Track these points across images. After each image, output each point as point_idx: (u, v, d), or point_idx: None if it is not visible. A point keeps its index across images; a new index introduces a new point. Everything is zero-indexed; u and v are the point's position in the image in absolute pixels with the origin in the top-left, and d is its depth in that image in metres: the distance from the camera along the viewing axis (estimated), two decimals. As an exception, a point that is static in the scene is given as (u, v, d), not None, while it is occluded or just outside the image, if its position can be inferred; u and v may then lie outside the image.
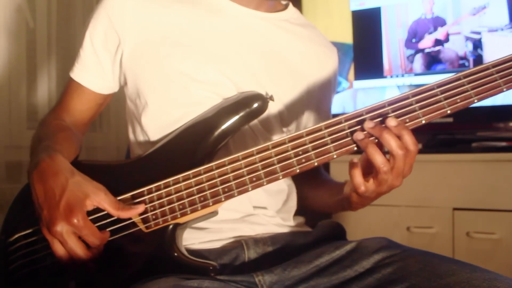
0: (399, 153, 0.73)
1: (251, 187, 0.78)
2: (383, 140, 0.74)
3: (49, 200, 0.78)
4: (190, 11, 0.92)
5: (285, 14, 1.00)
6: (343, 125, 0.77)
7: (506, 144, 1.72)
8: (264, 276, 0.82)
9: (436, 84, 0.77)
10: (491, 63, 0.76)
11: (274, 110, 0.93)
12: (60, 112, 0.99)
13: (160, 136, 0.90)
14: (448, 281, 0.73)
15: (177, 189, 0.80)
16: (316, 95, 1.01)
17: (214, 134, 0.83)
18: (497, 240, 1.65)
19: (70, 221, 0.76)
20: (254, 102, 0.83)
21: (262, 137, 0.93)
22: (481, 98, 0.76)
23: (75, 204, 0.77)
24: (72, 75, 0.98)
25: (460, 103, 0.75)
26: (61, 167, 0.81)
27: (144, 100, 0.92)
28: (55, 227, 0.76)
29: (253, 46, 0.93)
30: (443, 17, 1.90)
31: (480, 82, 0.75)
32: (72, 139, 0.92)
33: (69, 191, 0.78)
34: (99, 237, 0.79)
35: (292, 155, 0.77)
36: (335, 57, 1.07)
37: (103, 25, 0.92)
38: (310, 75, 0.99)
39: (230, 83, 0.90)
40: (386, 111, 0.76)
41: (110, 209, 0.79)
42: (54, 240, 0.78)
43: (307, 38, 1.01)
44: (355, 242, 0.87)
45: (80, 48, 0.96)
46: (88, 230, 0.78)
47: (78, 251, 0.78)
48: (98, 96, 0.98)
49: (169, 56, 0.89)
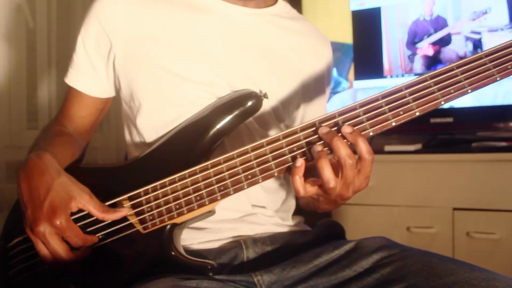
0: (348, 162, 0.71)
1: (247, 185, 0.78)
2: (333, 146, 0.72)
3: (33, 200, 0.78)
4: (179, 13, 0.92)
5: (275, 8, 0.99)
6: (337, 120, 0.75)
7: (506, 144, 1.72)
8: (263, 276, 0.82)
9: (429, 76, 0.75)
10: (484, 53, 0.75)
11: (269, 107, 0.92)
12: (62, 119, 1.00)
13: (155, 137, 0.90)
14: (447, 280, 0.73)
15: (173, 189, 0.80)
16: (311, 88, 1.00)
17: (209, 134, 0.82)
18: (497, 240, 1.65)
19: (53, 222, 0.76)
20: (248, 101, 0.83)
21: (258, 134, 0.93)
22: (474, 87, 0.74)
23: (59, 205, 0.77)
24: (67, 81, 0.98)
25: (454, 93, 0.74)
26: (47, 167, 0.80)
27: (138, 102, 0.92)
28: (38, 228, 0.76)
29: (244, 44, 0.93)
30: (443, 17, 1.90)
31: (473, 72, 0.74)
32: (69, 144, 0.92)
33: (54, 192, 0.78)
34: (82, 238, 0.79)
35: (286, 151, 0.77)
36: (329, 48, 1.06)
37: (94, 29, 0.93)
38: (304, 69, 0.99)
39: (223, 82, 0.90)
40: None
41: (94, 212, 0.79)
42: (37, 240, 0.78)
43: (299, 31, 1.01)
44: (354, 241, 0.87)
45: (73, 53, 0.97)
46: (71, 232, 0.77)
47: (61, 252, 0.77)
48: (96, 100, 0.98)
49: (160, 57, 0.89)
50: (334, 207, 0.83)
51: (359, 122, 0.75)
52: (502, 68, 0.74)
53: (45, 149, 0.84)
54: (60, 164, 0.84)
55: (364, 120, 0.75)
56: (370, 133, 0.75)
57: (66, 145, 0.91)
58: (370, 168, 0.73)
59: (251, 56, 0.93)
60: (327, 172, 0.71)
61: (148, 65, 0.90)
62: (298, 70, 0.98)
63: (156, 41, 0.90)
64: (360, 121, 0.75)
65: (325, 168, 0.71)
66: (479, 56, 0.75)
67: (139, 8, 0.91)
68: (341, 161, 0.71)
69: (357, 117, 0.75)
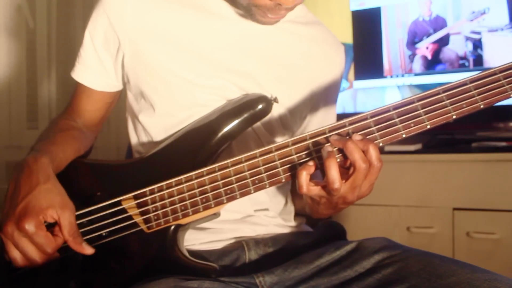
0: (362, 166, 0.71)
1: (254, 190, 0.78)
2: (347, 150, 0.71)
3: (12, 199, 0.77)
4: (191, 16, 0.90)
5: (290, 13, 0.97)
6: (347, 129, 0.75)
7: (506, 144, 1.72)
8: (265, 277, 0.81)
9: (442, 89, 0.75)
10: (498, 68, 0.75)
11: (276, 114, 0.92)
12: (71, 112, 0.99)
13: (164, 136, 0.90)
14: (449, 281, 0.73)
15: (180, 190, 0.80)
16: (321, 97, 0.99)
17: (218, 136, 0.82)
18: (497, 240, 1.65)
19: (20, 225, 0.74)
20: (258, 104, 0.82)
21: (265, 139, 0.92)
22: (487, 103, 0.74)
23: (32, 210, 0.75)
24: (73, 75, 0.96)
25: (466, 108, 0.74)
26: (38, 171, 0.79)
27: (149, 102, 0.91)
28: (6, 227, 0.75)
29: (255, 51, 0.92)
30: (443, 17, 1.90)
31: (487, 88, 0.74)
32: (74, 139, 0.91)
33: (33, 196, 0.76)
34: (52, 246, 0.76)
35: (295, 158, 0.76)
36: (342, 55, 1.03)
37: (102, 25, 0.91)
38: (314, 77, 0.97)
39: (234, 87, 0.89)
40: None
41: (65, 230, 0.76)
42: (7, 240, 0.76)
43: (311, 37, 0.98)
44: (355, 242, 0.87)
45: (80, 48, 0.95)
46: (39, 239, 0.75)
47: (30, 253, 0.76)
48: (105, 95, 0.97)
49: (170, 62, 0.88)
50: (333, 212, 0.81)
51: (370, 132, 0.75)
52: None
53: (45, 150, 0.83)
54: (62, 162, 0.84)
55: (375, 131, 0.75)
56: (380, 143, 0.75)
57: (70, 141, 0.90)
58: (377, 176, 0.73)
59: (261, 64, 0.92)
60: (334, 172, 0.71)
61: (157, 68, 0.89)
62: (308, 79, 0.96)
63: (165, 45, 0.89)
64: (371, 132, 0.75)
65: (332, 168, 0.71)
66: (493, 72, 0.75)
67: (149, 8, 0.89)
68: (355, 165, 0.71)
69: (368, 128, 0.75)
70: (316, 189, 0.74)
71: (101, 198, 0.82)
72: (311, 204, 0.80)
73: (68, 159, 0.86)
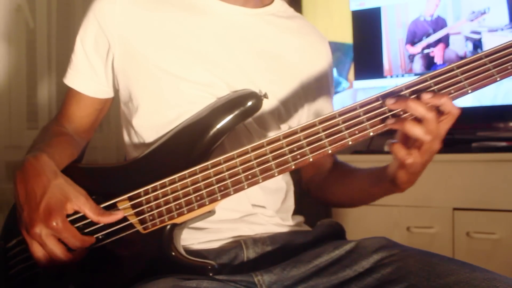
0: (429, 116, 0.72)
1: (247, 185, 0.78)
2: (409, 108, 0.72)
3: (29, 202, 0.78)
4: (178, 13, 0.92)
5: (271, 8, 0.99)
6: (337, 120, 0.76)
7: (506, 144, 1.72)
8: (263, 276, 0.81)
9: (429, 76, 0.76)
10: (484, 53, 0.76)
11: (269, 108, 0.92)
12: (61, 119, 1.00)
13: (155, 137, 0.90)
14: (448, 281, 0.73)
15: (173, 189, 0.80)
16: (313, 87, 1.00)
17: (209, 134, 0.82)
18: (497, 240, 1.64)
19: (49, 224, 0.76)
20: (248, 101, 0.83)
21: (257, 135, 0.92)
22: (475, 88, 0.75)
23: (55, 206, 0.77)
24: (66, 81, 0.98)
25: (454, 93, 0.75)
26: (44, 168, 0.80)
27: (137, 102, 0.91)
28: (34, 229, 0.76)
29: (243, 44, 0.93)
30: (443, 17, 1.90)
31: (473, 72, 0.75)
32: (68, 144, 0.92)
33: (50, 193, 0.78)
34: (80, 239, 0.79)
35: (287, 151, 0.77)
36: (327, 46, 1.06)
37: (92, 30, 0.93)
38: (304, 68, 0.99)
39: (222, 83, 0.90)
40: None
41: (90, 214, 0.79)
42: (33, 242, 0.78)
43: (296, 30, 1.00)
44: (354, 242, 0.87)
45: (72, 54, 0.97)
46: (68, 233, 0.77)
47: (58, 253, 0.77)
48: (95, 101, 0.98)
49: (159, 59, 0.89)
50: (414, 178, 0.82)
51: (359, 122, 0.75)
52: (502, 69, 0.75)
53: (42, 150, 0.84)
54: (58, 164, 0.84)
55: (364, 120, 0.75)
56: (370, 133, 0.75)
57: (64, 145, 0.91)
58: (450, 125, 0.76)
59: (250, 57, 0.93)
60: (418, 130, 0.72)
61: (146, 66, 0.90)
62: (297, 70, 0.97)
63: (154, 42, 0.90)
64: (361, 121, 0.75)
65: (415, 127, 0.72)
66: (479, 57, 0.76)
67: (138, 8, 0.91)
68: (425, 117, 0.72)
69: (357, 117, 0.75)
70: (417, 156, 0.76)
71: (96, 202, 0.81)
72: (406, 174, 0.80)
73: (64, 163, 0.86)
